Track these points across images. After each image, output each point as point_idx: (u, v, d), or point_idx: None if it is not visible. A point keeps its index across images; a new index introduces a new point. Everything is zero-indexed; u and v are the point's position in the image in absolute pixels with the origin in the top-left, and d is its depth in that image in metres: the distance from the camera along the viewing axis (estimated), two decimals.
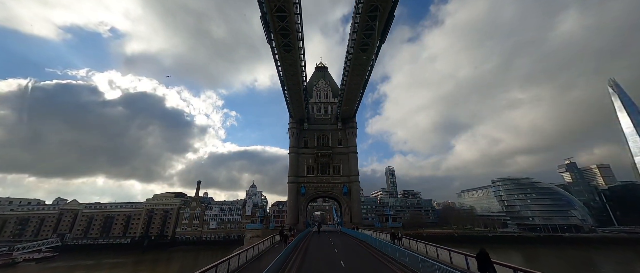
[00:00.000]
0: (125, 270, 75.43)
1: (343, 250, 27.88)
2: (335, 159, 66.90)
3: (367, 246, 30.30)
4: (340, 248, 28.99)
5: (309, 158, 67.15)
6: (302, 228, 61.82)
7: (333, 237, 45.15)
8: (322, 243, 34.93)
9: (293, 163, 66.03)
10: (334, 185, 64.95)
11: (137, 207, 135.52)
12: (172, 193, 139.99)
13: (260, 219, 59.58)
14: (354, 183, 64.46)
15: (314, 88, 73.74)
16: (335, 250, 27.45)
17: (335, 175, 65.78)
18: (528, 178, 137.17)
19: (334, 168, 66.38)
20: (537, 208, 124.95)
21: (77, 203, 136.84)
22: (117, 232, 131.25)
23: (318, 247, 31.25)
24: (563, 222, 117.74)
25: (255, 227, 58.42)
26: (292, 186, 64.20)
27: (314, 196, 65.45)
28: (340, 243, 34.10)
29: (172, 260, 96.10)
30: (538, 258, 74.45)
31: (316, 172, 65.98)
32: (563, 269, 61.20)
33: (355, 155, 66.70)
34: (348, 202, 63.49)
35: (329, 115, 71.51)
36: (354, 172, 65.23)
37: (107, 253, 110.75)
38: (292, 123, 68.66)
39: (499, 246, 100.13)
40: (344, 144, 68.51)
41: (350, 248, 28.94)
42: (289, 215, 62.86)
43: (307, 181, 65.20)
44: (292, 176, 64.97)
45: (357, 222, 61.14)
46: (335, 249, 28.42)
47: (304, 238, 40.80)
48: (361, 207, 65.83)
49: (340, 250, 27.86)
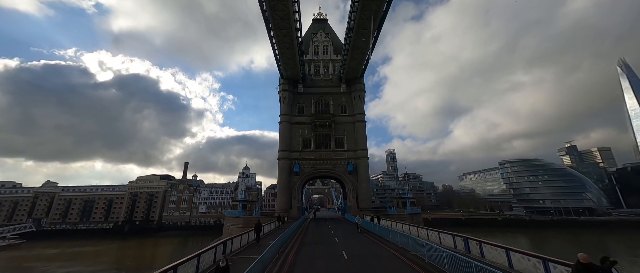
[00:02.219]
0: (85, 260, 60.90)
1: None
2: (338, 130, 51.26)
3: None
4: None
5: (304, 128, 51.39)
6: (296, 214, 47.08)
7: (336, 229, 30.31)
8: (322, 252, 18.98)
9: (285, 134, 50.28)
10: (336, 162, 49.69)
11: (120, 190, 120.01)
12: (157, 175, 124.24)
13: (242, 204, 44.62)
14: (361, 160, 49.20)
15: (311, 42, 56.63)
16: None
17: (338, 150, 50.38)
18: (539, 160, 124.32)
19: (337, 141, 50.90)
20: (549, 191, 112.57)
21: (53, 185, 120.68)
22: (98, 216, 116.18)
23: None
24: (576, 204, 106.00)
25: (235, 215, 43.56)
26: (284, 163, 48.80)
27: (311, 176, 50.20)
28: (357, 251, 18.48)
29: (159, 246, 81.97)
30: (565, 245, 61.10)
31: (314, 145, 50.47)
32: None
33: (363, 124, 50.92)
34: (354, 183, 48.57)
35: (330, 76, 55.01)
36: (362, 145, 49.77)
37: (84, 239, 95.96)
38: (283, 84, 52.20)
39: (508, 230, 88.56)
40: (348, 111, 52.60)
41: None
42: (280, 199, 47.82)
43: (302, 157, 49.76)
44: (284, 151, 49.39)
45: (365, 206, 46.51)
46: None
47: (295, 235, 25.82)
48: (370, 189, 51.03)
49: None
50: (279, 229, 30.11)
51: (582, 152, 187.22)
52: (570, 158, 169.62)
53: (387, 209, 51.19)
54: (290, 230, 24.58)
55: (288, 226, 29.72)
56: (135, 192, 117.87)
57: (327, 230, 30.22)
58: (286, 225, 33.10)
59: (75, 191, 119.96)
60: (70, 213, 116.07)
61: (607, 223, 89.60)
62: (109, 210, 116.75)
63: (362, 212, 45.11)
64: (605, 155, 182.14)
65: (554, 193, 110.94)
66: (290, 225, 28.44)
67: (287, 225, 32.14)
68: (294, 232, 26.41)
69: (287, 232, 21.76)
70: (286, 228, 25.54)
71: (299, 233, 26.76)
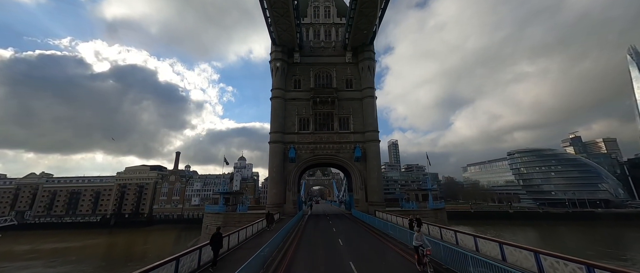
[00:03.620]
0: (50, 257, 51.50)
1: None
2: (343, 107, 41.15)
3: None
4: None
5: (301, 106, 41.26)
6: (291, 210, 37.48)
7: (348, 238, 20.43)
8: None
9: (277, 113, 40.17)
10: (340, 146, 39.81)
11: (108, 181, 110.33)
12: (147, 166, 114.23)
13: (224, 197, 35.03)
14: (371, 144, 39.27)
15: (309, 3, 45.88)
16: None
17: (343, 132, 40.43)
18: (552, 149, 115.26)
19: (341, 121, 40.88)
20: (562, 181, 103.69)
21: (35, 176, 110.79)
22: (86, 209, 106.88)
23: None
24: (590, 196, 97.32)
25: (215, 210, 34.01)
26: (276, 148, 38.90)
27: (309, 163, 40.30)
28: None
29: (149, 241, 72.82)
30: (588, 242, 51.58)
31: (313, 126, 40.48)
32: None
33: (372, 101, 40.61)
34: (362, 171, 38.84)
35: (333, 43, 44.37)
36: (371, 125, 39.72)
37: (67, 233, 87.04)
38: (276, 52, 41.64)
39: (527, 223, 79.99)
40: (355, 85, 42.36)
41: None
42: (271, 191, 38.00)
43: (298, 140, 39.83)
44: (276, 133, 39.41)
45: (376, 200, 36.93)
46: None
47: (284, 244, 16.08)
48: (381, 180, 41.08)
49: None
50: (258, 237, 20.54)
51: (587, 143, 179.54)
52: (575, 149, 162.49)
53: (401, 203, 41.69)
54: (274, 241, 14.80)
55: (278, 228, 20.20)
56: (123, 184, 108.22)
57: (331, 238, 20.38)
58: (278, 224, 23.60)
59: (60, 182, 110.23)
60: (56, 206, 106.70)
61: (626, 215, 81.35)
62: (97, 203, 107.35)
63: (373, 207, 35.51)
64: (610, 146, 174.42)
65: (568, 184, 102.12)
66: (278, 230, 18.79)
67: (275, 229, 22.63)
68: (280, 245, 16.69)
69: (263, 250, 11.97)
70: (271, 237, 15.80)
71: (288, 248, 16.97)
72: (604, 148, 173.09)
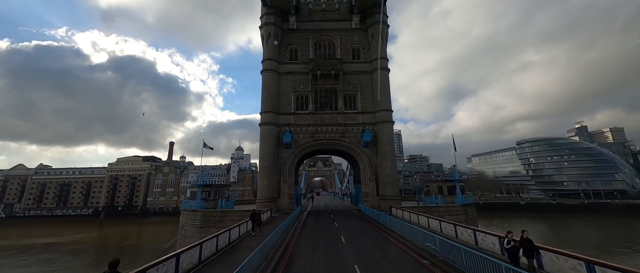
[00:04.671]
0: (11, 257, 45.19)
1: None
2: (349, 82, 33.56)
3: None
4: None
5: (299, 80, 33.70)
6: (287, 206, 30.50)
7: (363, 252, 13.29)
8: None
9: (270, 89, 32.60)
10: (345, 129, 32.47)
11: (99, 172, 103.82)
12: (139, 157, 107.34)
13: (201, 191, 28.04)
14: (383, 125, 31.82)
15: None
16: None
17: (349, 112, 32.98)
18: (564, 138, 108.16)
19: (347, 98, 33.36)
20: (575, 172, 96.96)
21: (24, 168, 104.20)
22: (77, 201, 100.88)
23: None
24: (605, 186, 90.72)
25: (192, 207, 27.10)
26: (268, 131, 31.53)
27: (308, 149, 32.95)
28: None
29: (143, 236, 66.74)
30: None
31: (313, 105, 33.02)
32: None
33: (385, 73, 32.51)
34: (372, 159, 31.64)
35: (336, 5, 36.31)
36: (384, 104, 32.03)
37: (56, 226, 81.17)
38: (267, 16, 33.68)
39: (541, 215, 73.68)
40: (364, 56, 34.62)
41: None
42: (262, 183, 30.72)
43: (295, 122, 32.48)
44: (269, 112, 31.89)
45: (389, 194, 29.91)
46: None
47: (270, 262, 8.70)
48: (396, 169, 33.67)
49: None
50: (234, 247, 13.43)
51: (593, 132, 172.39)
52: (580, 139, 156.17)
53: (418, 197, 34.70)
54: (252, 261, 7.62)
55: (267, 233, 13.15)
56: (115, 175, 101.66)
57: (340, 254, 13.23)
58: (269, 226, 16.64)
59: (50, 174, 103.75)
60: (46, 198, 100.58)
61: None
62: (88, 195, 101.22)
63: (386, 202, 28.47)
64: (617, 136, 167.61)
65: (581, 175, 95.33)
66: (266, 237, 11.72)
67: (264, 233, 15.59)
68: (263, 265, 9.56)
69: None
70: (249, 253, 8.67)
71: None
72: (611, 138, 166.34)
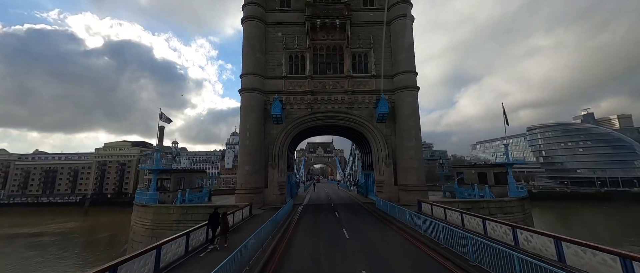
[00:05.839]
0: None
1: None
2: (359, 36, 24.87)
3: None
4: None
5: (293, 34, 25.18)
6: (276, 198, 22.80)
7: None
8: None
9: (253, 44, 23.99)
10: (354, 98, 24.15)
11: (86, 158, 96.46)
12: (128, 142, 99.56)
13: (157, 178, 20.38)
14: (405, 92, 23.08)
15: None
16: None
17: (359, 75, 24.55)
18: (580, 124, 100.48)
19: (356, 58, 24.95)
20: (591, 159, 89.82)
21: (6, 153, 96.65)
22: (64, 188, 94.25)
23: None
24: (624, 174, 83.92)
25: (145, 201, 19.53)
26: (251, 99, 23.04)
27: (305, 124, 24.26)
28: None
29: (127, 226, 59.88)
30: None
31: (311, 67, 24.66)
32: None
33: (407, 23, 23.86)
34: (389, 137, 23.70)
35: None
36: (406, 63, 23.20)
37: (36, 214, 74.76)
38: None
39: (545, 205, 67.19)
40: (378, 1, 25.79)
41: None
42: (243, 168, 22.23)
43: (288, 89, 24.13)
44: (252, 75, 23.30)
45: (414, 183, 22.18)
46: None
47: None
48: (421, 150, 25.28)
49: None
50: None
51: (599, 120, 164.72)
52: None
53: (447, 186, 27.05)
54: None
55: (234, 246, 5.35)
56: (103, 161, 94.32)
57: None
58: (239, 236, 8.94)
59: (34, 159, 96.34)
60: (31, 185, 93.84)
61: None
62: (75, 182, 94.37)
63: (408, 194, 20.71)
64: (624, 123, 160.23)
65: (597, 162, 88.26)
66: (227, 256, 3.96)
67: (230, 246, 7.92)
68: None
69: None
70: None
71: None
72: (618, 125, 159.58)
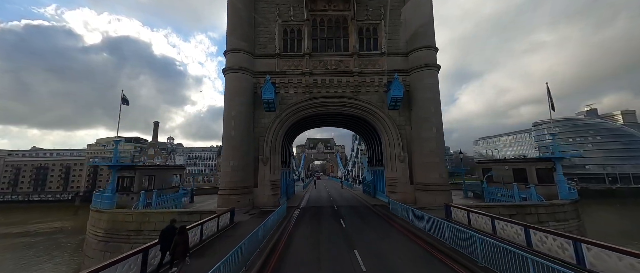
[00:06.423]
0: None
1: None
2: (367, 7, 20.40)
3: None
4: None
5: (287, 4, 20.87)
6: (268, 200, 18.81)
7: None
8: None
9: (240, 14, 19.68)
10: (361, 80, 20.08)
11: (79, 155, 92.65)
12: (121, 138, 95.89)
13: (116, 176, 16.54)
14: (423, 73, 18.80)
15: None
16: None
17: (367, 53, 20.36)
18: (588, 118, 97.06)
19: (363, 33, 20.84)
20: (601, 154, 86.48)
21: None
22: (56, 186, 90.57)
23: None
24: (635, 170, 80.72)
25: (102, 205, 15.70)
26: (237, 80, 18.73)
27: (302, 112, 20.04)
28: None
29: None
30: None
31: (309, 43, 20.58)
32: None
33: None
34: (404, 127, 19.88)
35: None
36: (424, 37, 18.95)
37: (26, 214, 71.21)
38: None
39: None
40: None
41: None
42: (227, 163, 17.97)
43: (282, 69, 19.95)
44: (239, 51, 19.07)
45: (435, 182, 18.35)
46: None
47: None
48: (444, 141, 21.20)
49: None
50: None
51: (603, 115, 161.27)
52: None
53: (476, 186, 23.09)
54: None
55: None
56: (95, 158, 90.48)
57: None
58: (209, 258, 5.46)
59: (25, 156, 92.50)
60: (21, 182, 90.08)
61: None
62: (67, 179, 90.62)
63: (428, 195, 16.77)
64: (628, 119, 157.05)
65: (607, 158, 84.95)
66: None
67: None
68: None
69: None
70: None
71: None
72: (621, 121, 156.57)
